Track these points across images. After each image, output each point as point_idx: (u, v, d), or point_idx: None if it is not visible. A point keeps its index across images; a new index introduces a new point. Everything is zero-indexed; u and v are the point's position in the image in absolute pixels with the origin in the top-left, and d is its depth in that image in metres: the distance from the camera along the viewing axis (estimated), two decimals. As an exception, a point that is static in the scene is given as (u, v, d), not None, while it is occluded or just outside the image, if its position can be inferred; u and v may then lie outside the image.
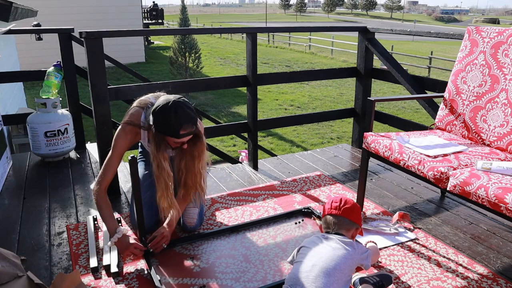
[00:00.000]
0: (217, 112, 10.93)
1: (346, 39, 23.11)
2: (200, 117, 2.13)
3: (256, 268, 1.94)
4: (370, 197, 2.70)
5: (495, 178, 1.74)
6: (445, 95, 2.50)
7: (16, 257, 1.55)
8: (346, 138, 8.75)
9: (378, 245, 2.12)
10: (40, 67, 3.84)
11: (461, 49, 2.48)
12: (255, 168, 3.23)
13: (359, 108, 3.63)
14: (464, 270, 1.93)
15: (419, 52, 22.39)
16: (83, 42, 2.54)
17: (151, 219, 2.17)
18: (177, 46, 13.05)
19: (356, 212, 1.73)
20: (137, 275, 1.89)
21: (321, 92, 13.44)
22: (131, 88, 2.74)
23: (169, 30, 4.47)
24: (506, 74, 2.20)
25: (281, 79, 3.59)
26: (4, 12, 4.33)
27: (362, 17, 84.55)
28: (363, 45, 3.47)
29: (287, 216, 2.42)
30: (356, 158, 3.44)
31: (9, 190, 2.83)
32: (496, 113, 2.20)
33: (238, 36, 30.72)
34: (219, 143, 8.24)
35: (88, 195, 2.75)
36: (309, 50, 23.68)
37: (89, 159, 3.42)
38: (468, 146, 2.18)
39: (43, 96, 3.23)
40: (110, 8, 15.56)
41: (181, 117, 1.82)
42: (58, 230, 2.30)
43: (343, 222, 1.69)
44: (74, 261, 2.00)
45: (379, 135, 2.29)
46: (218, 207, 2.56)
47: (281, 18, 77.95)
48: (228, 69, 17.64)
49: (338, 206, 1.72)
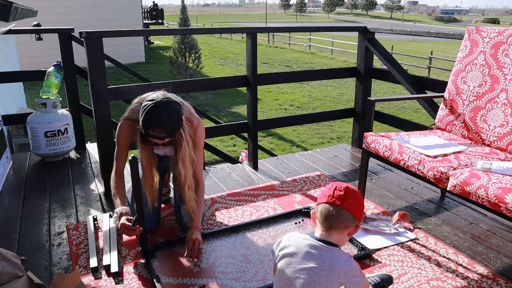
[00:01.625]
0: (217, 112, 10.93)
1: (346, 39, 23.11)
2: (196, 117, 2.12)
3: (256, 268, 1.94)
4: (370, 197, 2.70)
5: (495, 178, 1.74)
6: (445, 95, 2.50)
7: (16, 257, 1.55)
8: (346, 138, 8.75)
9: (378, 245, 2.12)
10: (40, 67, 3.84)
11: (461, 49, 2.48)
12: (255, 168, 3.23)
13: (359, 108, 3.63)
14: (464, 270, 1.93)
15: (419, 52, 22.38)
16: (83, 42, 2.55)
17: (151, 219, 2.17)
18: (177, 46, 13.06)
19: (360, 205, 1.44)
20: (137, 275, 1.89)
21: (321, 92, 13.44)
22: (131, 88, 2.74)
23: (169, 30, 4.47)
24: (506, 74, 2.20)
25: (281, 79, 3.59)
26: (4, 12, 4.33)
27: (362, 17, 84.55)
28: (363, 45, 3.47)
29: (287, 216, 2.42)
30: (356, 158, 3.44)
31: (9, 190, 2.83)
32: (496, 113, 2.20)
33: (238, 36, 30.71)
34: (219, 143, 8.24)
35: (88, 195, 2.75)
36: (309, 50, 23.68)
37: (89, 159, 3.42)
38: (468, 146, 2.18)
39: (43, 96, 3.23)
40: (110, 8, 15.56)
41: (153, 119, 1.82)
42: (58, 230, 2.30)
43: (344, 217, 1.38)
44: (74, 261, 2.00)
45: (379, 135, 2.29)
46: (218, 207, 2.56)
47: (281, 18, 77.96)
48: (228, 69, 17.64)
49: (342, 196, 1.39)
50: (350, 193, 1.40)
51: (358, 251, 2.06)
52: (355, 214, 1.40)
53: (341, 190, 1.40)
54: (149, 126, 1.84)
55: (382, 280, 1.73)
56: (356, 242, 2.10)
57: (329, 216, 1.39)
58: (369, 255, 2.03)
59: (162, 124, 1.83)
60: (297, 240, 1.42)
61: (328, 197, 1.40)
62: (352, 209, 1.39)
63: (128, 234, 2.00)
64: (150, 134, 1.86)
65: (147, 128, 1.84)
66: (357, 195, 1.42)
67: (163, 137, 1.87)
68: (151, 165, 2.01)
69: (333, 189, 1.41)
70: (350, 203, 1.38)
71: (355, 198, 1.40)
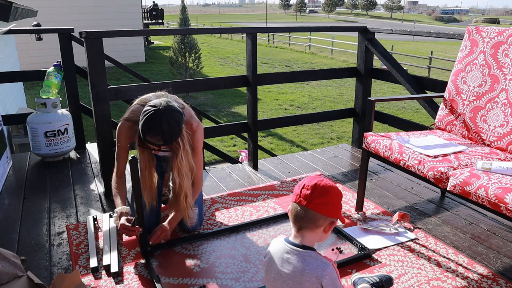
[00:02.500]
0: (217, 112, 10.93)
1: (346, 39, 23.11)
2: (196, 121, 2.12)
3: (256, 268, 1.94)
4: (370, 197, 2.70)
5: (495, 178, 1.74)
6: (445, 95, 2.50)
7: (16, 257, 1.55)
8: (346, 138, 8.75)
9: (378, 245, 2.12)
10: (40, 67, 3.84)
11: (461, 49, 2.48)
12: (255, 168, 3.23)
13: (359, 108, 3.63)
14: (464, 270, 1.93)
15: (419, 52, 22.39)
16: (83, 42, 2.55)
17: (150, 219, 2.17)
18: (177, 46, 13.05)
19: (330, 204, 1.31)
20: (137, 275, 1.89)
21: (321, 92, 13.44)
22: (131, 88, 2.74)
23: (169, 30, 4.47)
24: (506, 74, 2.20)
25: (281, 79, 3.59)
26: (4, 12, 4.34)
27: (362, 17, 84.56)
28: (363, 45, 3.47)
29: (287, 216, 2.41)
30: (356, 158, 3.44)
31: (9, 190, 2.83)
32: (496, 113, 2.20)
33: (238, 36, 30.72)
34: (219, 143, 8.24)
35: (88, 195, 2.75)
36: (309, 50, 23.68)
37: (89, 159, 3.42)
38: (468, 146, 2.18)
39: (43, 96, 3.23)
40: (110, 8, 15.55)
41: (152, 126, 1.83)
42: (58, 230, 2.30)
43: (312, 217, 1.29)
44: (74, 261, 2.00)
45: (379, 135, 2.29)
46: (218, 207, 2.56)
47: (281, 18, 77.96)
48: (228, 69, 17.63)
49: (308, 195, 1.28)
50: (318, 192, 1.29)
51: (358, 251, 2.06)
52: (325, 213, 1.29)
53: (309, 188, 1.29)
54: (147, 132, 1.85)
55: (381, 281, 1.73)
56: (356, 242, 2.10)
57: (297, 216, 1.31)
58: (369, 255, 2.03)
59: (161, 132, 1.83)
60: (275, 247, 1.39)
61: (296, 196, 1.32)
62: (319, 209, 1.28)
63: (128, 235, 2.00)
64: (147, 139, 1.87)
65: (145, 134, 1.86)
66: (327, 193, 1.30)
67: (160, 144, 1.88)
68: (150, 167, 2.01)
69: (301, 187, 1.32)
70: (317, 203, 1.28)
71: (325, 197, 1.29)
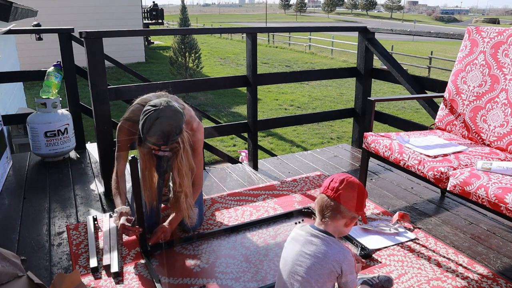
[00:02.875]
0: (217, 112, 10.92)
1: (346, 39, 23.10)
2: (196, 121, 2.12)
3: (256, 268, 1.94)
4: (370, 197, 2.70)
5: (495, 178, 1.74)
6: (445, 95, 2.50)
7: (16, 257, 1.55)
8: (346, 138, 8.75)
9: (378, 245, 2.12)
10: (40, 67, 3.84)
11: (461, 49, 2.48)
12: (255, 168, 3.23)
13: (359, 108, 3.63)
14: (464, 270, 1.93)
15: (419, 52, 22.38)
16: (83, 42, 2.55)
17: (150, 219, 2.17)
18: (177, 46, 13.05)
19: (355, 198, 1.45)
20: (137, 275, 1.89)
21: (321, 92, 13.44)
22: (131, 88, 2.74)
23: (169, 30, 4.47)
24: (506, 74, 2.20)
25: (281, 79, 3.59)
26: (4, 12, 4.33)
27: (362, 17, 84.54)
28: (363, 45, 3.47)
29: (287, 216, 2.42)
30: (356, 158, 3.44)
31: (9, 190, 2.83)
32: (496, 113, 2.20)
33: (238, 36, 30.71)
34: (219, 143, 8.24)
35: (88, 195, 2.75)
36: (309, 50, 23.67)
37: (89, 159, 3.42)
38: (468, 146, 2.18)
39: (43, 96, 3.23)
40: (110, 8, 15.55)
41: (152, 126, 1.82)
42: (58, 230, 2.30)
43: (336, 208, 1.43)
44: (74, 261, 2.00)
45: (379, 135, 2.29)
46: (218, 207, 2.56)
47: (281, 18, 77.96)
48: (228, 69, 17.63)
49: (336, 188, 1.43)
50: (346, 185, 1.43)
51: (358, 251, 2.06)
52: (348, 206, 1.43)
53: (337, 181, 1.44)
54: (147, 132, 1.84)
55: (381, 281, 1.73)
56: (356, 242, 2.10)
57: (323, 206, 1.46)
58: (369, 255, 2.03)
59: (161, 132, 1.83)
60: (298, 232, 1.52)
61: (325, 188, 1.47)
62: (344, 201, 1.42)
63: (128, 235, 2.00)
64: (148, 139, 1.87)
65: (145, 134, 1.86)
66: (353, 187, 1.44)
67: (160, 144, 1.88)
68: (150, 166, 2.01)
69: (330, 180, 1.47)
70: (343, 195, 1.42)
71: (351, 191, 1.43)
